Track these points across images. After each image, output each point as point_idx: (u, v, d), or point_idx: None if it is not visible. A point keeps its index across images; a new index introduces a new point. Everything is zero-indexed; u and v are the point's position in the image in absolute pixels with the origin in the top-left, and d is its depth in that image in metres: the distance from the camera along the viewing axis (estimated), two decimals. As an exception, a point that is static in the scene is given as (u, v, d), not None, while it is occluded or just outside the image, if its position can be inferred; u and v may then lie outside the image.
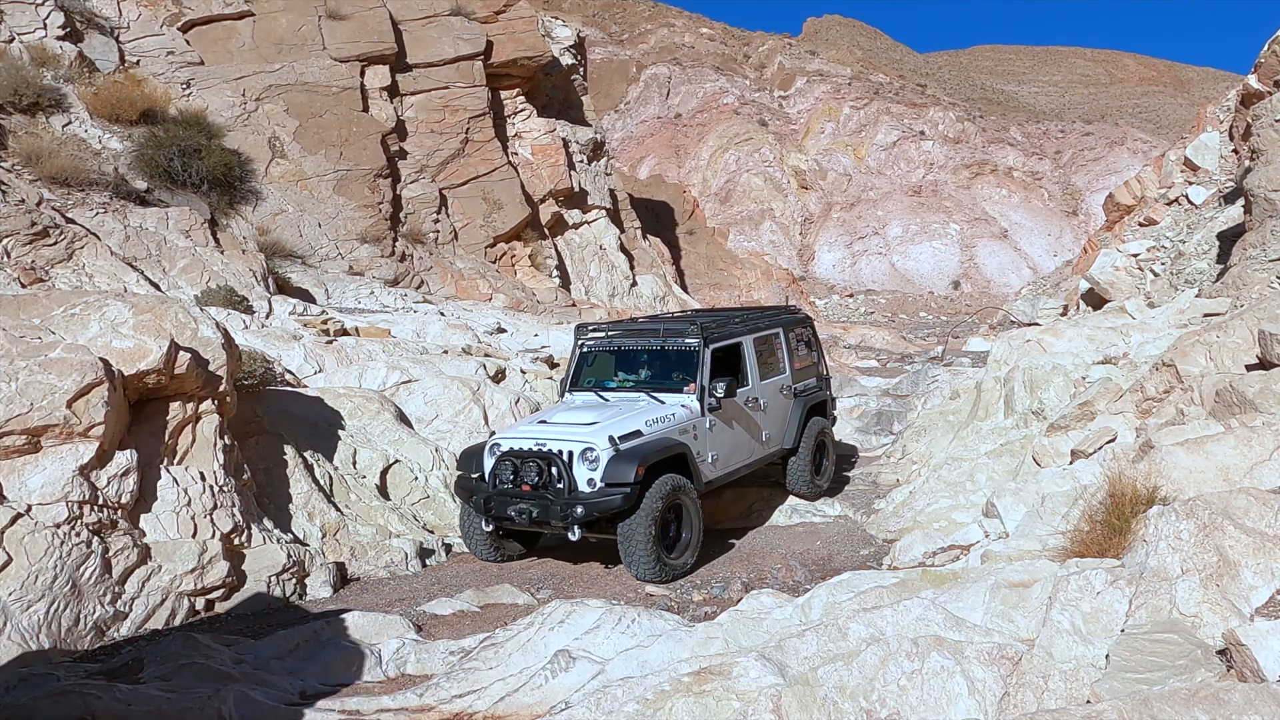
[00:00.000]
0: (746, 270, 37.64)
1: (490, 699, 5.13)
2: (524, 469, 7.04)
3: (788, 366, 9.13)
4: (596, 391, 8.14)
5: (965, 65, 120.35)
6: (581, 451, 6.92)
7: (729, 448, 8.04)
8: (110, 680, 5.05)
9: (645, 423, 7.20)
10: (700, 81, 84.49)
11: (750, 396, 8.40)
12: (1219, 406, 6.00)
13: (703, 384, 7.70)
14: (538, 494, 6.96)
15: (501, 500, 7.07)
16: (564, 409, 7.86)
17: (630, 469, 6.71)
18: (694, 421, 7.60)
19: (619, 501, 6.71)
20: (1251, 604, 3.66)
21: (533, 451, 7.09)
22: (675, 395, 7.72)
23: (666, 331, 8.12)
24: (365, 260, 18.58)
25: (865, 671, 3.86)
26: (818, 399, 9.52)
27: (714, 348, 7.92)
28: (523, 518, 6.93)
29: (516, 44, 23.56)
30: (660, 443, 7.14)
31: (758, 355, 8.65)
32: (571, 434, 7.07)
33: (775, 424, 8.82)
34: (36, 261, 10.38)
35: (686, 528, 7.24)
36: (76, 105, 15.45)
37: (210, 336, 7.12)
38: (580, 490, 6.90)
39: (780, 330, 9.16)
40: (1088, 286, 18.23)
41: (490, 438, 7.75)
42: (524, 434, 7.34)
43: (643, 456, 6.82)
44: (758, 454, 8.57)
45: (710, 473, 7.74)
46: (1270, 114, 11.40)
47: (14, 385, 5.89)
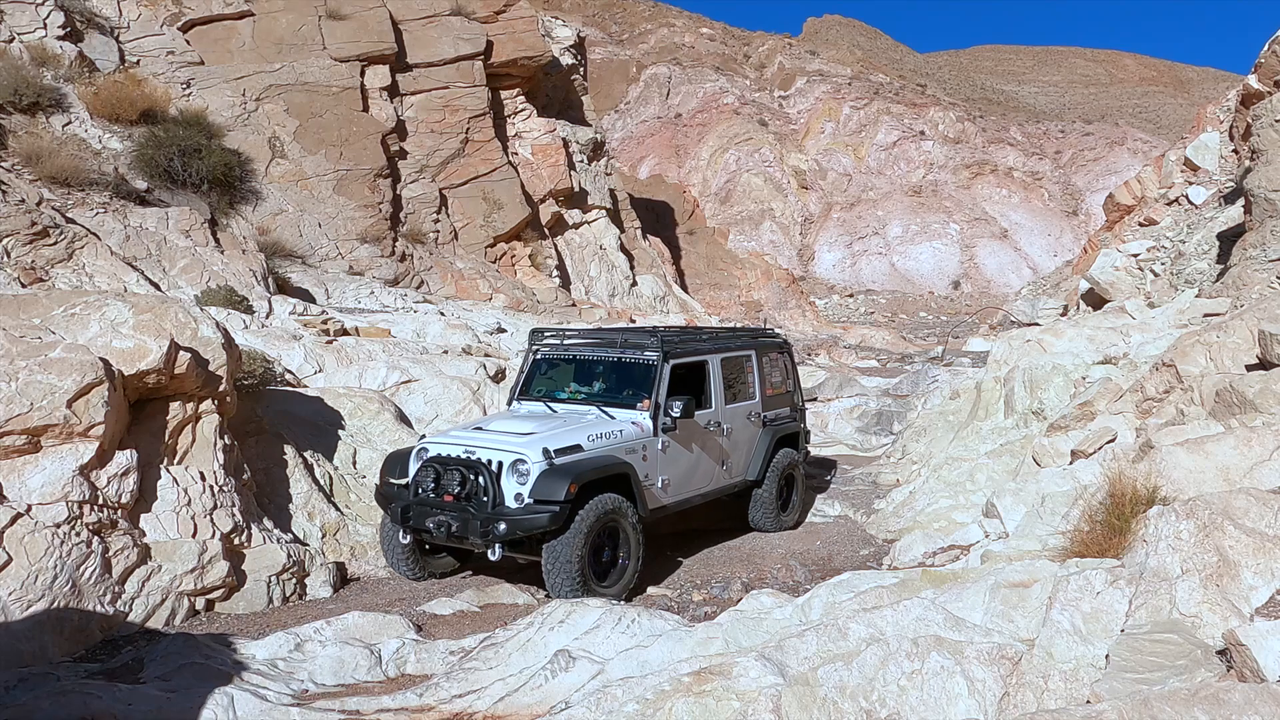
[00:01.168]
0: (746, 270, 37.64)
1: (490, 699, 5.13)
2: (446, 477, 6.48)
3: (758, 392, 8.52)
4: (546, 402, 7.59)
5: (965, 65, 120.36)
6: (512, 463, 6.35)
7: (684, 473, 7.45)
8: (110, 680, 5.05)
9: (588, 437, 6.65)
10: (700, 81, 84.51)
11: (713, 420, 7.82)
12: (1219, 406, 6.00)
13: (658, 401, 7.14)
14: (460, 506, 6.40)
15: (421, 510, 6.50)
16: (505, 417, 7.36)
17: (561, 486, 6.13)
18: (644, 441, 7.02)
19: (545, 520, 6.12)
20: (1251, 604, 3.66)
21: (459, 459, 6.53)
22: (628, 412, 7.15)
23: (625, 343, 7.59)
24: (365, 260, 18.58)
25: (865, 671, 3.86)
26: (789, 430, 8.87)
27: (675, 364, 7.42)
28: (441, 531, 6.36)
29: (516, 44, 23.57)
30: (600, 460, 6.57)
31: (725, 377, 8.08)
32: (504, 443, 6.51)
33: (740, 452, 8.22)
34: (36, 261, 10.38)
35: (624, 554, 6.63)
36: (76, 105, 15.45)
37: (210, 336, 7.12)
38: (507, 505, 6.32)
39: (753, 353, 8.58)
40: (1088, 286, 18.24)
41: (419, 440, 7.19)
42: (455, 439, 6.78)
43: (577, 473, 6.25)
44: (718, 482, 7.99)
45: (661, 498, 7.17)
46: (1270, 114, 11.40)
47: (14, 385, 5.89)
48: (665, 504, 7.25)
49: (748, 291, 36.04)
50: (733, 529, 8.63)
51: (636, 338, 7.63)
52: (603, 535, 6.47)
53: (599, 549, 6.49)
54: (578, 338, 8.05)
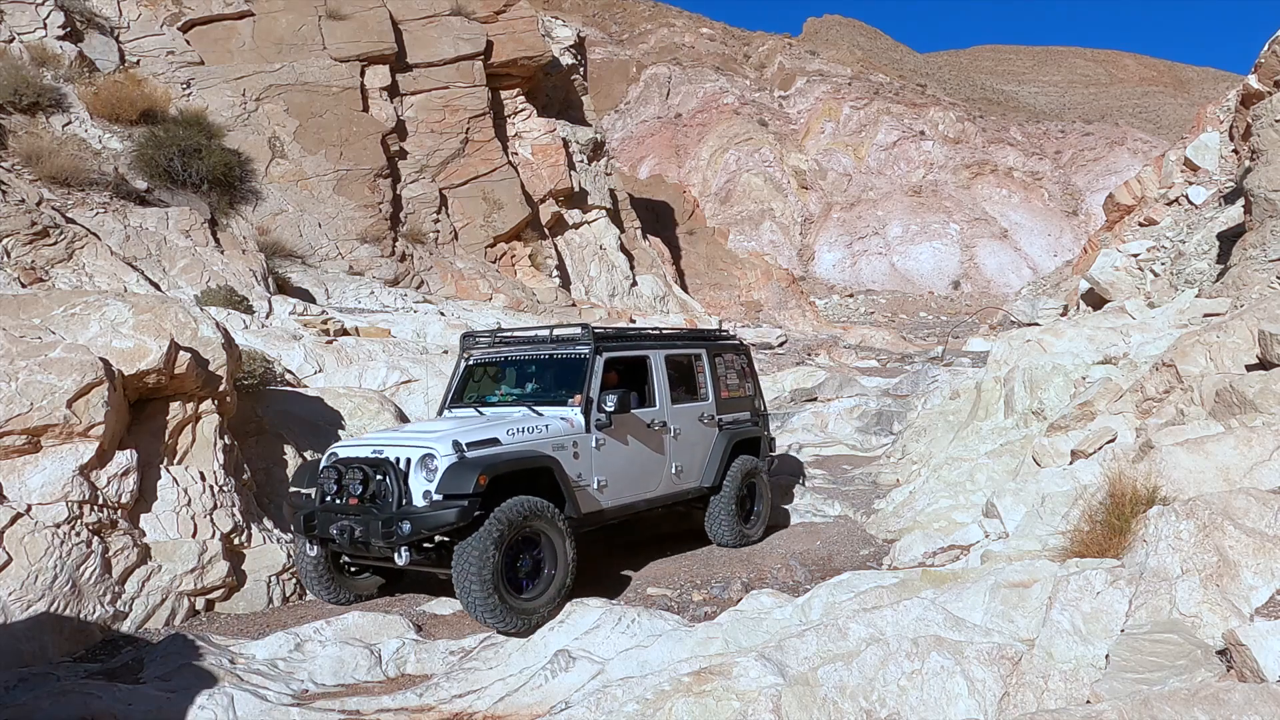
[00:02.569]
0: (746, 270, 37.64)
1: (490, 699, 5.13)
2: (349, 477, 5.97)
3: (711, 394, 8.06)
4: (477, 408, 7.08)
5: (965, 65, 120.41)
6: (421, 458, 5.83)
7: (626, 475, 6.94)
8: (110, 680, 5.05)
9: (507, 431, 6.16)
10: (700, 81, 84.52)
11: (657, 419, 7.35)
12: (1219, 406, 6.00)
13: (590, 395, 6.68)
14: (364, 509, 5.88)
15: (326, 516, 5.98)
16: (428, 422, 6.97)
17: (470, 478, 5.57)
18: (574, 437, 6.52)
19: (453, 516, 5.54)
20: (1251, 604, 3.66)
21: (364, 459, 6.04)
22: (558, 409, 6.68)
23: (556, 340, 7.23)
24: (365, 260, 18.59)
25: (865, 671, 3.86)
26: (748, 434, 8.36)
27: (608, 357, 6.98)
28: (344, 536, 5.81)
29: (516, 44, 23.58)
30: (519, 454, 6.05)
31: (672, 376, 7.65)
32: (414, 440, 6.03)
33: (691, 456, 7.70)
34: (36, 261, 10.38)
35: (549, 562, 5.96)
36: (76, 105, 15.45)
37: (210, 336, 7.12)
38: (414, 505, 5.77)
39: (703, 352, 8.15)
40: (1088, 286, 18.24)
41: (332, 445, 6.72)
42: (365, 441, 6.36)
43: (489, 465, 5.71)
44: (666, 487, 7.45)
45: (598, 500, 6.64)
46: (1270, 114, 11.40)
47: (14, 385, 5.89)
48: (603, 508, 6.70)
49: (748, 291, 36.04)
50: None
51: (568, 332, 7.21)
52: (521, 541, 5.83)
53: (515, 554, 5.83)
54: (508, 339, 7.61)
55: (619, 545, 8.03)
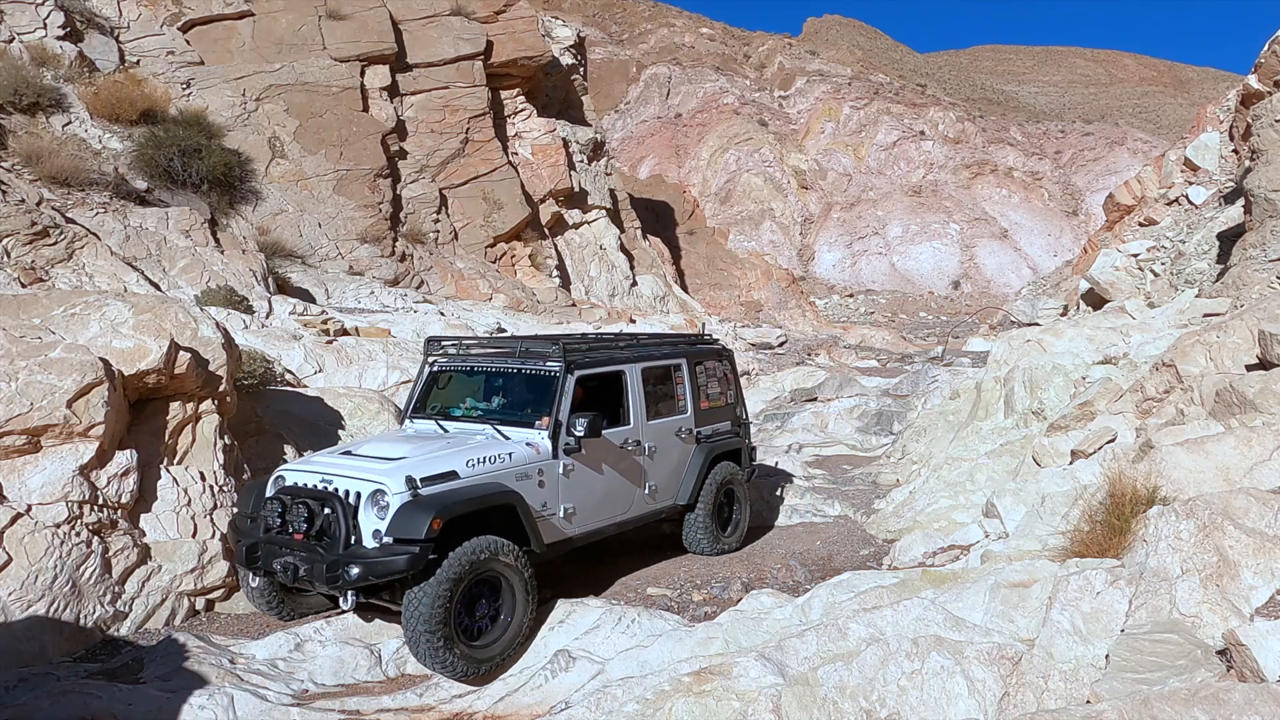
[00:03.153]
0: (746, 270, 37.65)
1: (490, 699, 5.13)
2: (293, 512, 5.56)
3: (690, 405, 7.68)
4: (439, 420, 6.70)
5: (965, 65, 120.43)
6: (371, 494, 5.44)
7: (594, 499, 6.58)
8: (110, 680, 5.05)
9: (466, 462, 5.75)
10: (700, 81, 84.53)
11: (631, 439, 6.97)
12: (1219, 406, 6.00)
13: (559, 418, 6.27)
14: (310, 545, 5.48)
15: (270, 549, 5.60)
16: (382, 440, 6.43)
17: (423, 521, 5.18)
18: (540, 465, 6.14)
19: (403, 564, 5.13)
20: (1251, 604, 3.66)
21: (311, 490, 5.65)
22: (525, 431, 6.30)
23: (525, 352, 6.73)
24: (365, 260, 18.59)
25: (865, 671, 3.86)
26: (728, 446, 8.04)
27: (580, 375, 6.55)
28: (286, 574, 5.43)
29: (516, 44, 23.59)
30: (479, 489, 5.66)
31: (648, 389, 7.25)
32: (365, 470, 5.60)
33: (666, 473, 7.37)
34: (36, 261, 10.38)
35: (506, 608, 5.59)
36: (76, 105, 15.45)
37: (210, 336, 7.12)
38: (364, 545, 5.38)
39: (683, 362, 7.72)
40: (1088, 286, 18.24)
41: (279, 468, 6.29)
42: (315, 466, 5.87)
43: (444, 506, 5.32)
44: (639, 509, 7.09)
45: (563, 528, 6.30)
46: (1270, 114, 11.40)
47: (14, 385, 5.89)
48: (569, 535, 6.37)
49: (748, 291, 36.04)
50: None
51: (538, 347, 6.75)
52: (480, 585, 5.46)
53: (474, 601, 5.47)
54: (475, 347, 7.18)
55: (619, 545, 7.94)
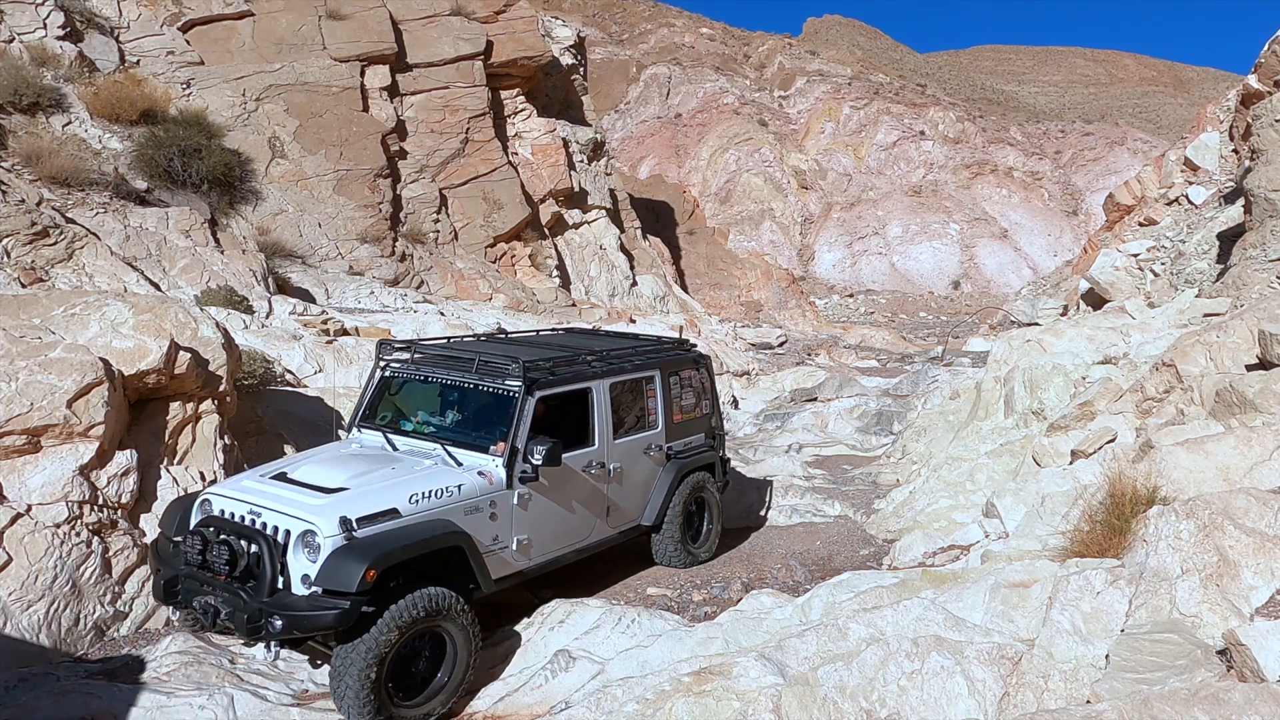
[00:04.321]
0: (746, 270, 37.65)
1: (490, 699, 5.13)
2: (214, 550, 4.95)
3: (661, 420, 7.19)
4: (387, 433, 6.16)
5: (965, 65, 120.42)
6: (301, 534, 4.90)
7: (549, 529, 6.10)
8: (110, 680, 5.06)
9: (409, 497, 5.20)
10: (700, 81, 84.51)
11: (594, 460, 6.47)
12: (1219, 406, 6.00)
13: (516, 445, 5.74)
14: (232, 587, 4.90)
15: (191, 584, 5.06)
16: (324, 459, 5.79)
17: (355, 572, 4.64)
18: (492, 496, 5.62)
19: (331, 620, 4.64)
20: (1251, 604, 3.66)
21: (237, 524, 5.09)
22: (478, 456, 5.75)
23: (483, 366, 6.11)
24: (365, 260, 18.58)
25: (865, 671, 3.86)
26: (701, 461, 7.58)
27: (542, 395, 6.01)
28: (206, 617, 4.88)
29: (516, 44, 23.58)
30: (422, 531, 5.11)
31: (616, 405, 6.73)
32: (297, 504, 5.04)
33: (631, 495, 6.91)
34: (36, 261, 10.37)
35: (445, 665, 5.07)
36: (76, 105, 15.45)
37: (210, 336, 7.12)
38: (294, 590, 4.84)
39: (657, 373, 7.19)
40: (1088, 286, 18.24)
41: (205, 489, 5.78)
42: (244, 494, 5.25)
43: (381, 554, 4.77)
44: (600, 534, 6.65)
45: (516, 562, 5.83)
46: (1270, 114, 11.40)
47: (14, 385, 5.89)
48: (522, 569, 5.92)
49: (748, 291, 36.04)
50: (732, 529, 8.61)
51: (498, 360, 6.12)
52: (420, 640, 4.98)
53: (408, 659, 4.96)
54: (431, 354, 6.53)
55: (621, 545, 7.87)
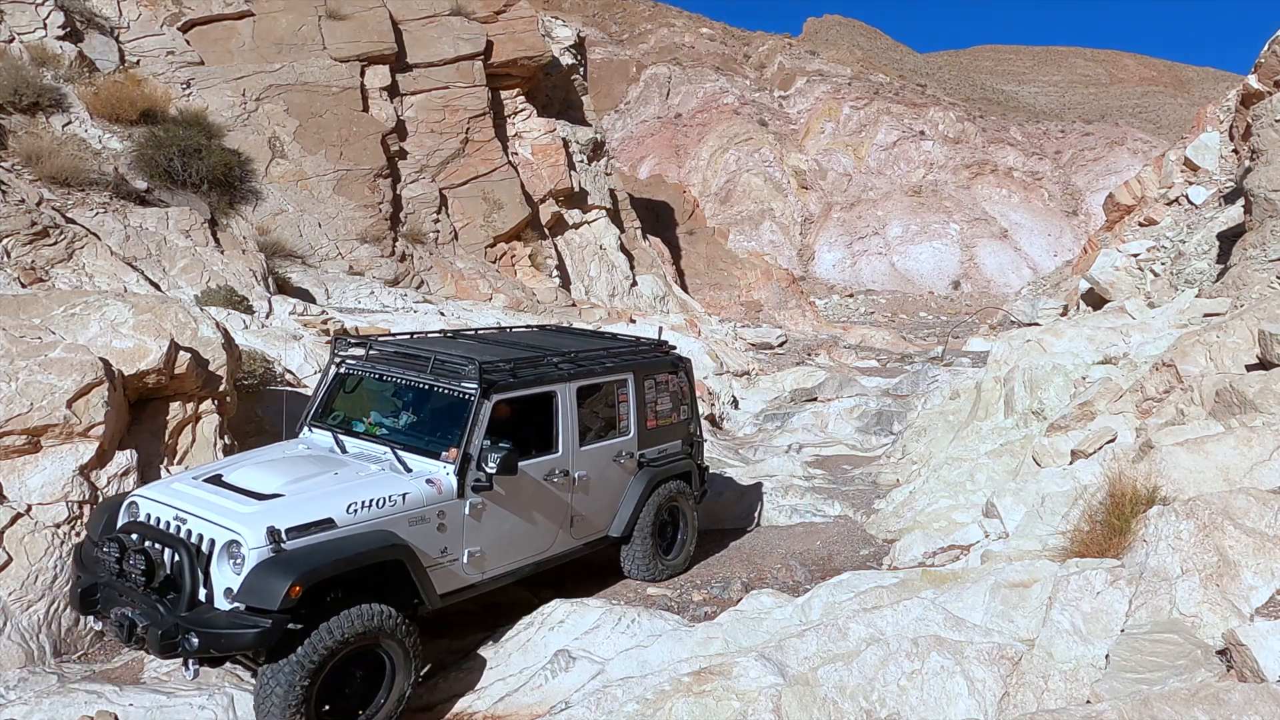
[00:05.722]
0: (746, 270, 37.65)
1: (490, 699, 5.13)
2: (130, 560, 4.58)
3: (634, 426, 6.79)
4: (338, 434, 5.79)
5: (965, 65, 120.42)
6: (226, 544, 4.55)
7: (506, 541, 5.71)
8: (110, 681, 5.06)
9: (347, 507, 4.83)
10: (700, 81, 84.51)
11: (557, 468, 6.07)
12: (1219, 406, 6.00)
13: (469, 451, 5.38)
14: (150, 599, 4.53)
15: (111, 594, 4.71)
16: (265, 461, 5.43)
17: (278, 588, 4.30)
18: (441, 506, 5.24)
19: (251, 639, 4.32)
20: (1251, 604, 3.66)
21: (158, 530, 4.74)
22: (428, 463, 5.38)
23: (438, 366, 5.76)
24: (365, 260, 18.58)
25: (865, 671, 3.86)
26: (674, 470, 7.19)
27: (501, 398, 5.65)
28: (122, 630, 4.51)
29: (516, 44, 23.59)
30: (358, 543, 4.73)
31: (584, 410, 6.35)
32: (226, 511, 4.69)
33: (598, 505, 6.51)
34: (36, 261, 10.37)
35: (383, 688, 4.77)
36: (76, 105, 15.45)
37: (210, 336, 7.12)
38: (217, 604, 4.50)
39: (630, 376, 6.79)
40: (1088, 286, 18.24)
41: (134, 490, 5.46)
42: (172, 497, 4.91)
43: (308, 569, 4.41)
44: (562, 545, 6.25)
45: (466, 576, 5.46)
46: (1270, 114, 11.41)
47: (14, 385, 5.89)
48: (473, 582, 5.54)
49: (748, 291, 36.05)
50: (733, 529, 8.62)
51: (454, 360, 5.76)
52: (354, 660, 4.65)
53: (340, 680, 4.63)
54: (386, 351, 6.21)
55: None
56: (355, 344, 6.31)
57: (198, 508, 4.76)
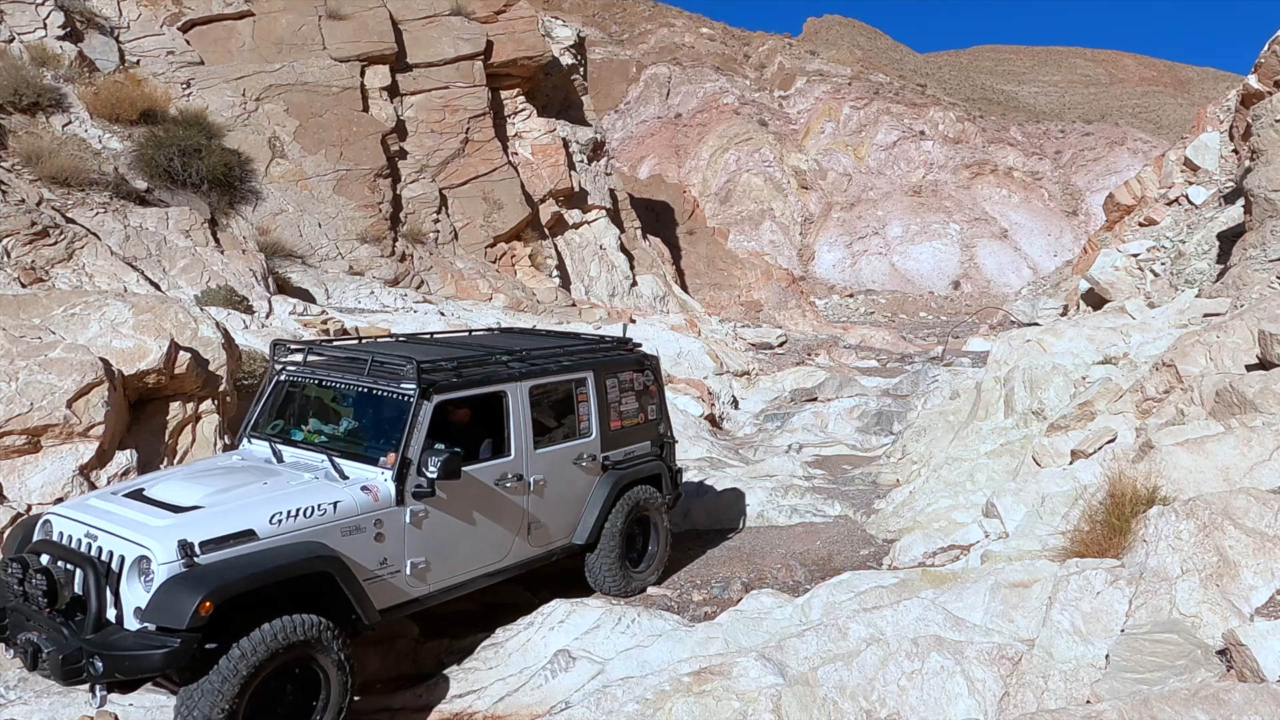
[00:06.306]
0: (746, 270, 37.66)
1: (490, 699, 5.13)
2: (30, 581, 4.27)
3: (595, 427, 6.44)
4: (275, 443, 5.47)
5: (965, 65, 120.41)
6: (135, 560, 4.26)
7: (454, 550, 5.40)
8: (110, 680, 5.05)
9: (271, 517, 4.53)
10: (700, 81, 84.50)
11: (510, 473, 5.72)
12: (1219, 406, 6.00)
13: (408, 456, 5.07)
14: (56, 619, 4.27)
15: (18, 618, 4.42)
16: (191, 473, 5.18)
17: (187, 604, 4.01)
18: (378, 514, 4.94)
19: (158, 661, 4.02)
20: (1251, 604, 3.67)
21: (68, 548, 4.47)
22: (366, 469, 5.11)
23: (376, 368, 5.46)
24: (365, 260, 18.59)
25: (865, 671, 3.86)
26: (642, 472, 6.83)
27: (443, 400, 5.35)
28: (27, 656, 4.25)
29: (516, 44, 23.59)
30: (280, 555, 4.43)
31: (539, 411, 6.03)
32: (137, 526, 4.39)
33: (559, 510, 6.16)
34: (36, 261, 10.37)
35: (319, 706, 4.49)
36: (76, 105, 15.45)
37: (210, 336, 7.13)
38: (126, 625, 4.23)
39: (589, 375, 6.45)
40: (1088, 286, 18.24)
41: (52, 506, 5.20)
42: (86, 513, 4.59)
43: (221, 584, 4.11)
44: (519, 554, 5.90)
45: (409, 589, 5.13)
46: (1270, 114, 11.41)
47: (14, 385, 5.89)
48: (417, 596, 5.21)
49: (748, 291, 36.05)
50: (733, 529, 8.62)
51: (393, 361, 5.46)
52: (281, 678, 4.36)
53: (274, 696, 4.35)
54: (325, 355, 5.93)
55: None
56: (296, 348, 6.01)
57: (110, 523, 4.46)
